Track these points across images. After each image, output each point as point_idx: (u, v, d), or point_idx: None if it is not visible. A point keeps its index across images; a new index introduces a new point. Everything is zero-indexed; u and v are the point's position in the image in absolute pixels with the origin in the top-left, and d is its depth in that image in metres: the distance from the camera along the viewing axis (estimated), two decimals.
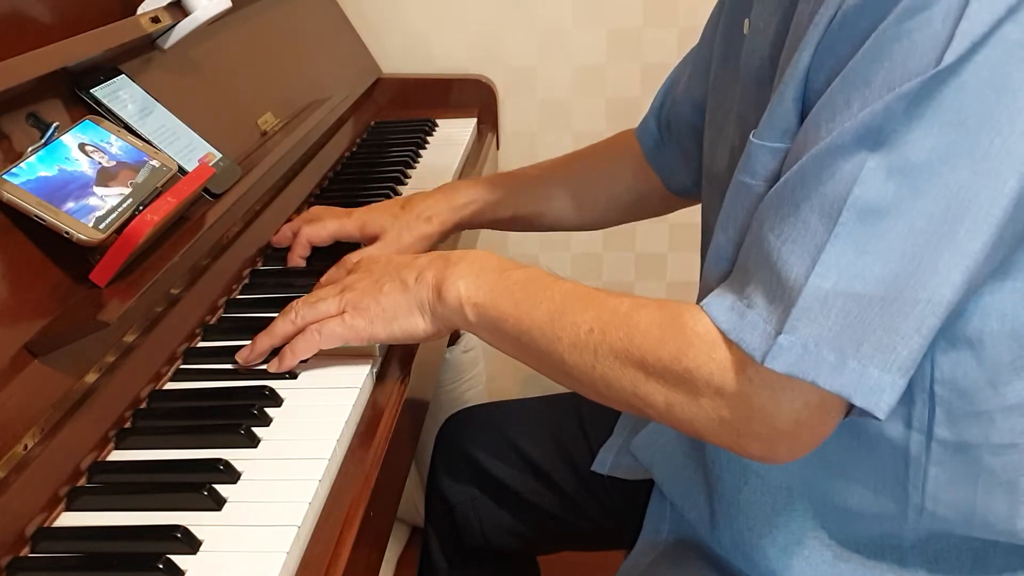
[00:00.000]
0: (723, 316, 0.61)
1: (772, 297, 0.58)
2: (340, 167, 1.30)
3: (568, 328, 0.67)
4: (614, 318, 0.66)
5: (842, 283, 0.56)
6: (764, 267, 0.59)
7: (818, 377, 0.56)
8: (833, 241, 0.56)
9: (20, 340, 0.67)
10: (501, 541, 1.02)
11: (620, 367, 0.65)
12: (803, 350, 0.56)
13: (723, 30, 0.82)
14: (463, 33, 1.64)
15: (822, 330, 0.56)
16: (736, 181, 0.66)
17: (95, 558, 0.60)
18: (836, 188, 0.56)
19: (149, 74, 0.97)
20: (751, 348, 0.59)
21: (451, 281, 0.74)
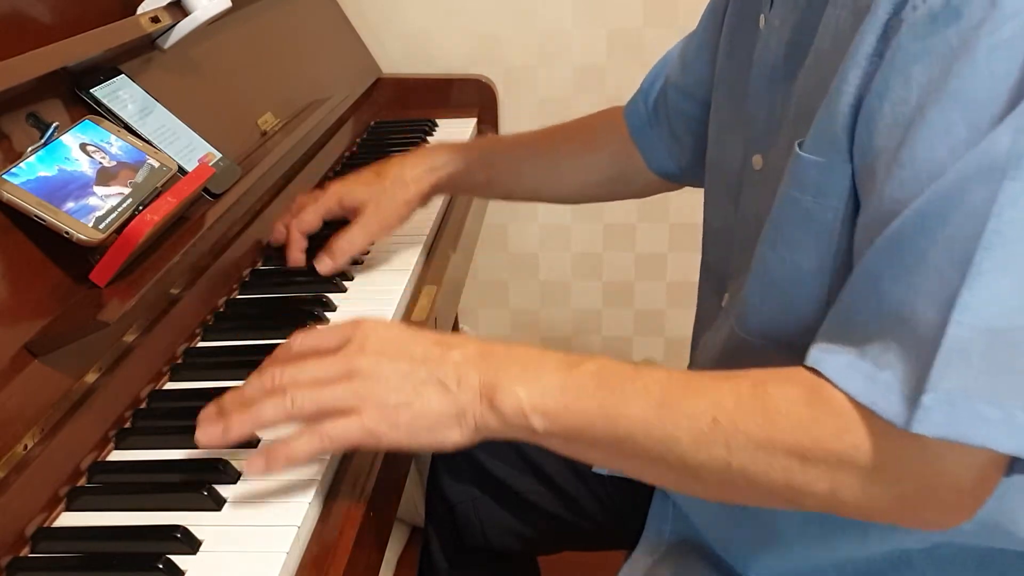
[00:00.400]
0: (847, 380, 0.54)
1: (907, 356, 0.52)
2: (340, 167, 1.30)
3: (683, 423, 0.57)
4: (741, 403, 0.57)
5: (981, 326, 0.50)
6: (890, 323, 0.53)
7: (987, 439, 0.50)
8: (968, 283, 0.50)
9: (20, 340, 0.67)
10: (502, 541, 1.02)
11: (766, 458, 0.56)
12: (951, 408, 0.50)
13: (732, 22, 0.81)
14: (463, 33, 1.64)
15: (967, 380, 0.50)
16: (784, 195, 0.63)
17: (95, 558, 0.60)
18: (966, 227, 0.50)
19: (149, 74, 0.97)
20: (890, 414, 0.52)
21: (506, 388, 0.61)
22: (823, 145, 0.60)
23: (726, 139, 0.80)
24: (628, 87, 1.66)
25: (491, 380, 0.61)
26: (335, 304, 0.90)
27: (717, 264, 0.84)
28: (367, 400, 0.61)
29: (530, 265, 1.79)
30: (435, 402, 0.61)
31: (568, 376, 0.61)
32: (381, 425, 0.61)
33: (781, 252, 0.64)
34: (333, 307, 0.89)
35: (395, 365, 0.62)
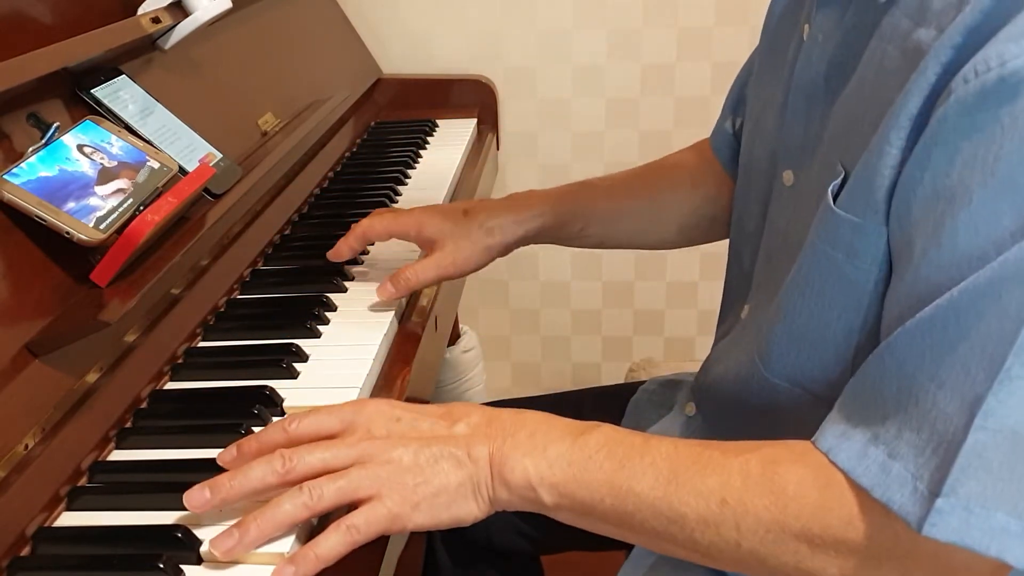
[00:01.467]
0: (858, 467, 0.53)
1: (924, 450, 0.51)
2: (340, 167, 1.30)
3: (691, 502, 0.57)
4: (749, 483, 0.56)
5: (1005, 431, 0.48)
6: (909, 410, 0.52)
7: (1004, 552, 0.49)
8: (995, 389, 0.48)
9: (21, 340, 0.67)
10: (506, 541, 1.02)
11: (775, 542, 0.55)
12: (967, 514, 0.49)
13: (775, 22, 0.79)
14: (463, 33, 1.64)
15: (986, 487, 0.49)
16: (815, 246, 0.62)
17: (96, 558, 0.60)
18: (1000, 329, 0.49)
19: (150, 74, 0.97)
20: (903, 512, 0.51)
21: (514, 460, 0.60)
22: (859, 205, 0.58)
23: (757, 143, 0.79)
24: (628, 87, 1.67)
25: (498, 453, 0.61)
26: (335, 304, 0.90)
27: (748, 264, 0.82)
28: (385, 484, 0.59)
29: (530, 265, 1.79)
30: (452, 477, 0.60)
31: (574, 447, 0.60)
32: (404, 507, 0.59)
33: (809, 304, 0.63)
34: (333, 307, 0.89)
35: (406, 446, 0.61)
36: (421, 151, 1.39)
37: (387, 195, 1.19)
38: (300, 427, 0.62)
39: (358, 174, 1.29)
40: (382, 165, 1.31)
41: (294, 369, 0.78)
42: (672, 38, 1.63)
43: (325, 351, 0.82)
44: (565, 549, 1.09)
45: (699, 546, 0.57)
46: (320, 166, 1.24)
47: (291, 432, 0.62)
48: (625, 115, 1.68)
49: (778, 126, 0.74)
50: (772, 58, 0.79)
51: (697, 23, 1.62)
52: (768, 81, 0.79)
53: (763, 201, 0.77)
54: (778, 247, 0.72)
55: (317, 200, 1.18)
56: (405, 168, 1.30)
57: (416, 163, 1.34)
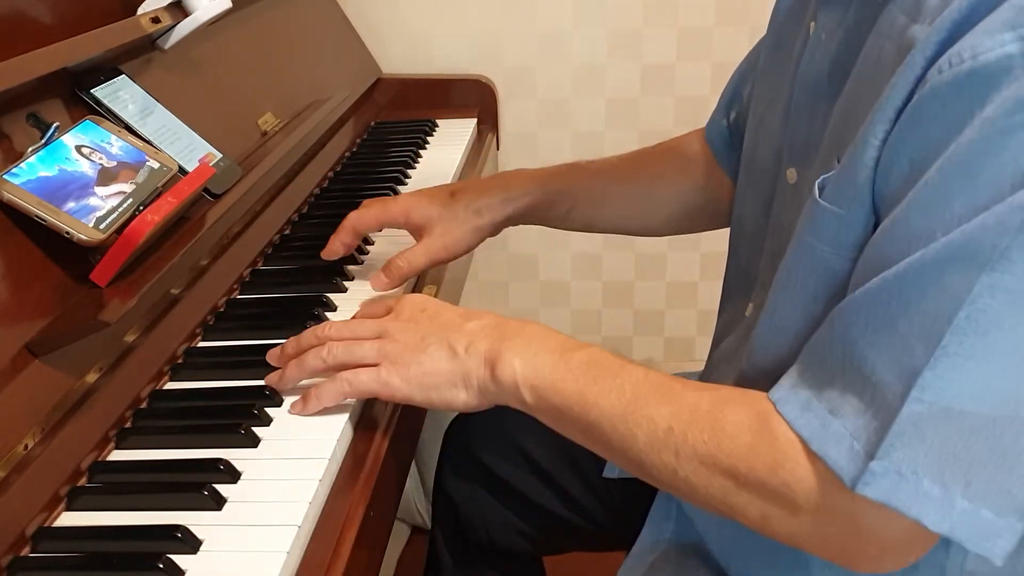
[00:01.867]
0: (799, 418, 0.56)
1: (862, 412, 0.53)
2: (340, 167, 1.30)
3: (644, 425, 0.61)
4: (695, 417, 0.60)
5: (940, 406, 0.51)
6: (853, 375, 0.55)
7: (922, 515, 0.51)
8: (933, 365, 0.51)
9: (21, 340, 0.67)
10: (507, 541, 1.02)
11: (707, 473, 0.59)
12: (898, 477, 0.51)
13: (782, 18, 0.79)
14: (463, 33, 1.64)
15: (918, 455, 0.51)
16: (800, 239, 0.63)
17: (96, 558, 0.60)
18: (940, 307, 0.51)
19: (149, 74, 0.97)
20: (838, 467, 0.53)
21: (506, 358, 0.67)
22: (844, 196, 0.59)
23: (761, 141, 0.79)
24: (628, 87, 1.67)
25: (496, 348, 0.68)
26: (335, 304, 0.90)
27: (746, 262, 0.82)
28: (386, 356, 0.70)
29: (530, 265, 1.80)
30: (442, 362, 0.69)
31: (561, 359, 0.66)
32: (394, 378, 0.69)
33: (793, 296, 0.64)
34: (333, 307, 0.89)
35: (417, 330, 0.71)
36: (421, 151, 1.39)
37: (387, 195, 1.18)
38: (363, 310, 0.79)
39: (358, 174, 1.29)
40: (382, 165, 1.31)
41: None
42: (672, 38, 1.63)
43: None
44: (566, 549, 1.09)
45: (643, 465, 0.62)
46: (320, 166, 1.24)
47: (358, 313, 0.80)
48: (625, 115, 1.68)
49: (783, 124, 0.74)
50: (777, 56, 0.79)
51: (697, 23, 1.62)
52: (773, 79, 0.78)
53: (765, 199, 0.77)
54: (782, 245, 0.72)
55: (317, 200, 1.18)
56: (405, 168, 1.30)
57: (416, 163, 1.34)
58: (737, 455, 0.58)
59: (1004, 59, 0.50)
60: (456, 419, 1.08)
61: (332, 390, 0.71)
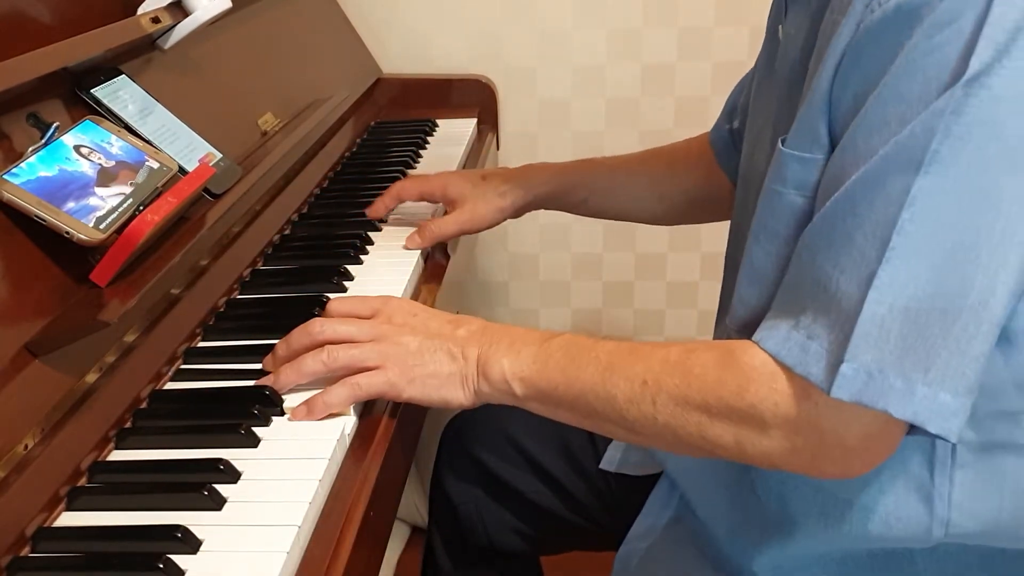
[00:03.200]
0: (782, 349, 0.61)
1: (832, 327, 0.59)
2: (340, 167, 1.30)
3: (621, 384, 0.67)
4: (666, 366, 0.66)
5: (898, 305, 0.56)
6: (820, 296, 0.60)
7: (888, 405, 0.57)
8: (884, 266, 0.56)
9: (20, 340, 0.67)
10: (505, 541, 1.02)
11: (683, 414, 0.65)
12: (867, 377, 0.57)
13: (766, 35, 0.83)
14: (463, 33, 1.64)
15: (883, 354, 0.56)
16: (767, 189, 0.67)
17: (95, 558, 0.60)
18: (885, 212, 0.56)
19: (149, 74, 0.97)
20: (817, 379, 0.59)
21: (494, 360, 0.73)
22: (804, 139, 0.63)
23: (755, 147, 0.81)
24: (628, 87, 1.67)
25: (485, 353, 0.74)
26: None
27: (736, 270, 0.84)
28: (390, 359, 0.74)
29: (530, 265, 1.79)
30: (445, 367, 0.74)
31: (540, 348, 0.73)
32: (401, 379, 0.73)
33: (765, 245, 0.68)
34: None
35: (414, 336, 0.75)
36: (421, 151, 1.39)
37: None
38: (339, 307, 0.80)
39: (358, 174, 1.29)
40: (382, 165, 1.31)
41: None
42: (672, 38, 1.63)
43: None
44: (563, 549, 1.09)
45: (627, 422, 0.68)
46: (320, 166, 1.24)
47: (331, 311, 0.81)
48: (625, 115, 1.68)
49: (773, 129, 0.75)
50: (764, 73, 0.82)
51: (697, 23, 1.62)
52: (763, 94, 0.81)
53: None
54: None
55: (317, 200, 1.18)
56: (405, 168, 1.30)
57: (416, 163, 1.34)
58: (707, 389, 0.64)
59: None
60: (453, 418, 1.08)
61: (343, 394, 0.72)
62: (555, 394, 0.71)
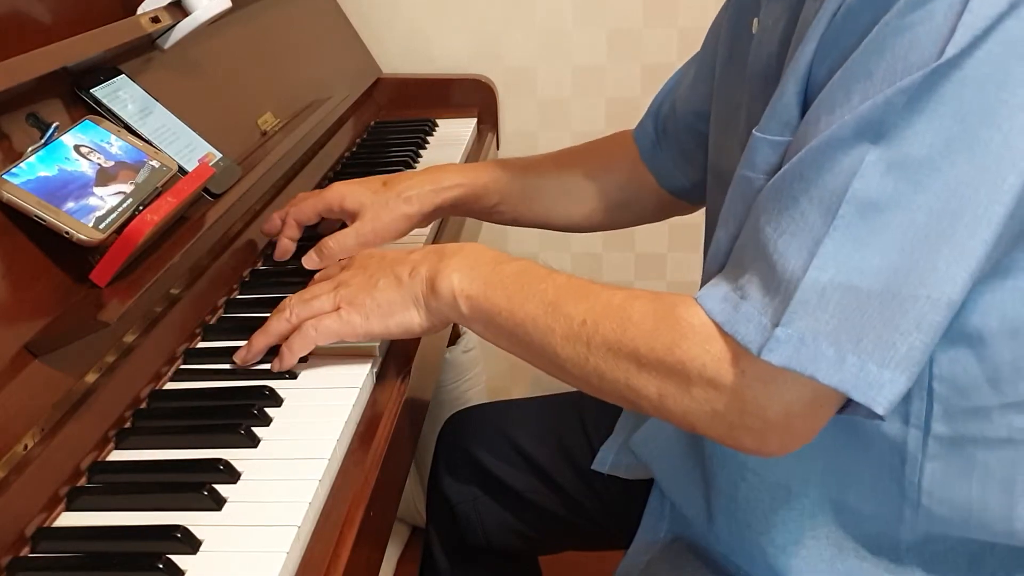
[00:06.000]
0: (717, 307, 0.61)
1: (768, 289, 0.58)
2: (340, 167, 1.30)
3: (561, 321, 0.67)
4: (607, 310, 0.66)
5: (840, 277, 0.56)
6: (760, 259, 0.59)
7: (816, 371, 0.56)
8: (831, 234, 0.56)
9: (20, 340, 0.67)
10: (503, 541, 1.02)
11: (613, 359, 0.65)
12: (800, 343, 0.56)
13: (729, 29, 0.82)
14: (463, 33, 1.64)
15: (819, 323, 0.56)
16: (738, 176, 0.66)
17: (95, 558, 0.60)
18: (835, 181, 0.56)
19: (149, 74, 0.97)
20: (747, 340, 0.59)
21: (445, 274, 0.73)
22: (778, 123, 0.63)
23: (725, 145, 0.81)
24: (628, 87, 1.67)
25: (435, 270, 0.74)
26: None
27: None
28: (345, 299, 0.77)
29: None
30: (391, 292, 0.76)
31: (493, 270, 0.73)
32: (354, 316, 0.76)
33: (732, 230, 0.67)
34: None
35: (366, 272, 0.78)
36: (421, 151, 1.39)
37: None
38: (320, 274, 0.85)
39: (358, 174, 1.27)
40: (382, 165, 1.31)
41: (293, 369, 0.78)
42: (672, 38, 1.63)
43: (325, 350, 0.81)
44: (561, 548, 1.09)
45: (559, 359, 0.68)
46: (320, 166, 1.24)
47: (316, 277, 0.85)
48: (625, 115, 1.67)
49: (744, 122, 0.75)
50: (732, 65, 0.81)
51: (697, 23, 1.61)
52: (730, 87, 0.81)
53: None
54: None
55: None
56: (405, 168, 1.30)
57: (416, 163, 1.34)
58: (640, 339, 0.63)
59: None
60: (451, 417, 1.08)
61: (299, 339, 0.76)
62: (497, 319, 0.71)
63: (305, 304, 0.78)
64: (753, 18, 0.74)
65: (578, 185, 1.03)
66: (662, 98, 1.02)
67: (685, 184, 1.00)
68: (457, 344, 1.67)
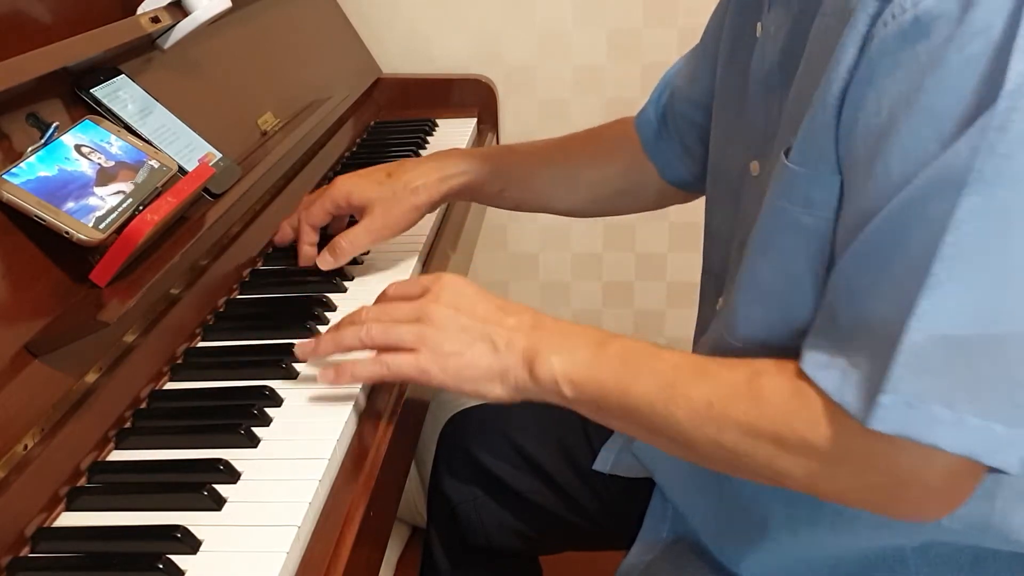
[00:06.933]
0: (821, 375, 0.58)
1: (871, 356, 0.56)
2: (340, 167, 1.30)
3: (682, 403, 0.63)
4: (734, 390, 0.62)
5: (939, 333, 0.53)
6: (861, 327, 0.57)
7: (937, 438, 0.53)
8: (926, 293, 0.52)
9: (20, 340, 0.67)
10: (503, 541, 1.02)
11: (751, 442, 0.61)
12: (908, 408, 0.53)
13: (731, 28, 0.81)
14: (463, 33, 1.64)
15: (925, 384, 0.53)
16: (773, 204, 0.64)
17: (95, 558, 0.60)
18: (926, 237, 0.53)
19: (149, 74, 0.97)
20: (854, 409, 0.56)
21: (544, 356, 0.69)
22: (810, 156, 0.61)
23: (726, 145, 0.81)
24: (628, 87, 1.67)
25: (534, 347, 0.69)
26: (335, 304, 0.90)
27: (717, 267, 0.84)
28: (426, 343, 0.70)
29: (530, 265, 1.79)
30: (483, 358, 0.70)
31: (597, 351, 0.68)
32: (433, 366, 0.70)
33: (772, 260, 0.65)
34: (333, 307, 0.89)
35: (458, 319, 0.71)
36: (421, 151, 1.39)
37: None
38: (394, 291, 0.76)
39: None
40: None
41: (294, 369, 0.78)
42: (672, 38, 1.63)
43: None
44: (562, 549, 1.09)
45: (687, 442, 0.64)
46: (320, 166, 1.24)
47: (388, 294, 0.77)
48: (625, 115, 1.67)
49: (743, 123, 0.76)
50: (733, 65, 0.81)
51: (697, 23, 1.60)
52: (730, 88, 0.80)
53: (734, 198, 0.79)
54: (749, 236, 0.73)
55: None
56: None
57: None
58: (779, 420, 0.60)
59: (941, 2, 0.53)
60: (452, 418, 1.08)
61: (369, 370, 0.72)
62: (607, 402, 0.67)
63: (384, 328, 0.72)
64: (756, 21, 0.74)
65: (581, 173, 1.04)
66: (662, 88, 1.01)
67: (686, 177, 1.00)
68: None
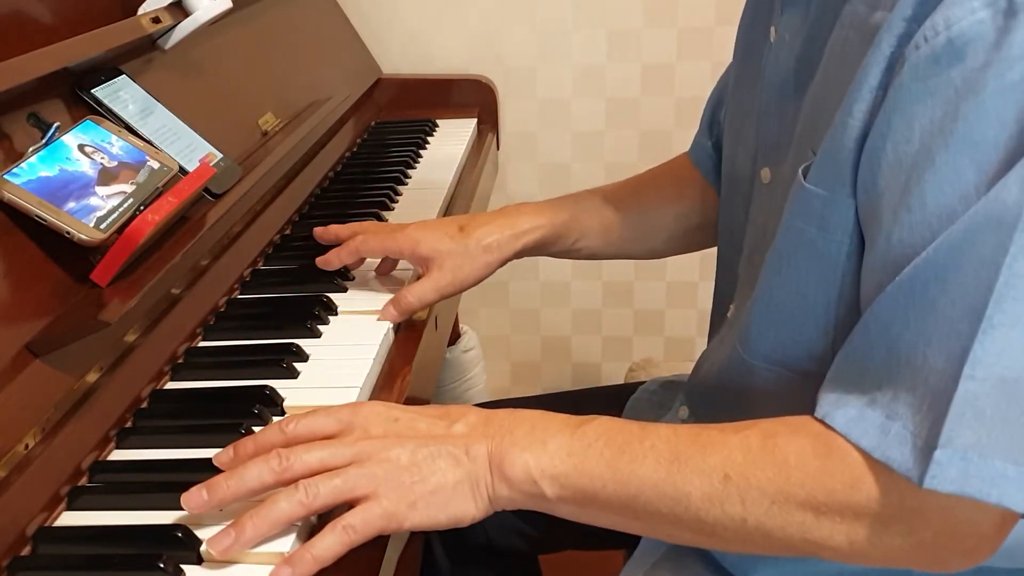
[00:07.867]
0: (858, 431, 0.54)
1: (918, 406, 0.52)
2: (340, 167, 1.30)
3: (694, 480, 0.57)
4: (750, 457, 0.56)
5: (998, 379, 0.49)
6: (902, 372, 0.53)
7: (1004, 497, 0.49)
8: (980, 338, 0.49)
9: (21, 340, 0.67)
10: (504, 540, 1.02)
11: (782, 513, 0.55)
12: (965, 463, 0.49)
13: (746, 28, 0.81)
14: (463, 33, 1.64)
15: (982, 436, 0.49)
16: (789, 224, 0.63)
17: (96, 558, 0.60)
18: (978, 278, 0.50)
19: (150, 74, 0.97)
20: (904, 469, 0.51)
21: (513, 455, 0.60)
22: (828, 178, 0.59)
23: (738, 149, 0.80)
24: (628, 88, 1.67)
25: (498, 450, 0.61)
26: (335, 304, 0.90)
27: (729, 269, 0.84)
28: (382, 483, 0.59)
29: (530, 265, 1.79)
30: (449, 476, 0.60)
31: (573, 438, 0.61)
32: (400, 506, 0.59)
33: (786, 279, 0.64)
34: (333, 307, 0.89)
35: (403, 445, 0.60)
36: (421, 151, 1.39)
37: (387, 195, 1.19)
38: (297, 428, 0.62)
39: (358, 174, 1.29)
40: (382, 165, 1.31)
41: (294, 369, 0.78)
42: (672, 38, 1.63)
43: (325, 351, 0.82)
44: (563, 548, 1.09)
45: (705, 525, 0.57)
46: (320, 166, 1.24)
47: (288, 433, 0.62)
48: (625, 115, 1.68)
49: (755, 129, 0.75)
50: (747, 68, 0.80)
51: (697, 23, 1.62)
52: (745, 89, 0.80)
53: (745, 205, 0.78)
54: (758, 243, 0.73)
55: (317, 200, 1.18)
56: (405, 168, 1.30)
57: (416, 163, 1.34)
58: (812, 483, 0.55)
59: (977, 25, 0.51)
60: None
61: (333, 542, 0.57)
62: (601, 494, 0.59)
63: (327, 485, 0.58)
64: (770, 24, 0.73)
65: (656, 215, 0.99)
66: (710, 115, 0.98)
67: None
68: (457, 344, 1.67)
